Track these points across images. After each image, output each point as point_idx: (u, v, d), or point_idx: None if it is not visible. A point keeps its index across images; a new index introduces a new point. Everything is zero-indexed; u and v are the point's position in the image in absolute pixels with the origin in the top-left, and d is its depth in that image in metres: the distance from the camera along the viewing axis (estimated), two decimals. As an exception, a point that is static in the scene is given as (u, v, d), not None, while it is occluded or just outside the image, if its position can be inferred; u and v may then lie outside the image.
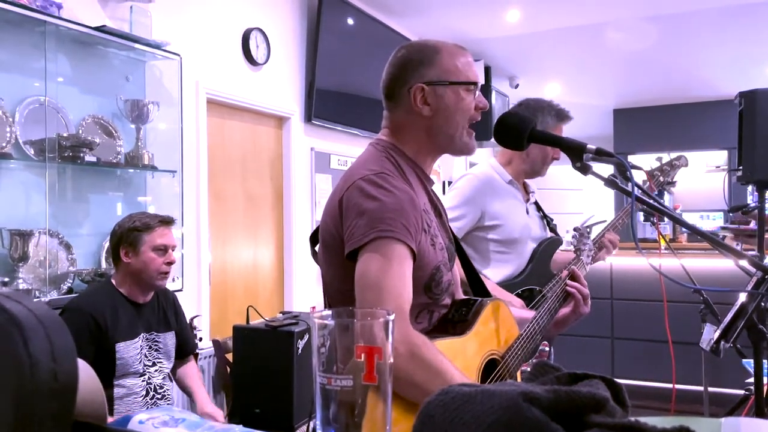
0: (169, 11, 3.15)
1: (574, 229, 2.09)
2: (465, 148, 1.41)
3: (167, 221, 2.33)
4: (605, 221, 2.17)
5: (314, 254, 1.45)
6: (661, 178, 2.38)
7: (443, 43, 1.40)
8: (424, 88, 1.34)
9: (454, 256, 1.46)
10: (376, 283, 1.17)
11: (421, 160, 1.40)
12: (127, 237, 2.25)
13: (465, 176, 2.30)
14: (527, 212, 2.31)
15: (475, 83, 1.37)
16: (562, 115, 2.29)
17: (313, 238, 1.45)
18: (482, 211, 2.20)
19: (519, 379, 1.47)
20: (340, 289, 1.31)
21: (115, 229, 2.31)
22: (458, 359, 1.27)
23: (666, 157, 2.42)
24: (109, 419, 0.67)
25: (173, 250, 2.32)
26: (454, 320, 1.38)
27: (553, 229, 2.38)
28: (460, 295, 1.51)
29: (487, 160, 2.41)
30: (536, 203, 2.40)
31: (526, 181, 2.38)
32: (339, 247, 1.27)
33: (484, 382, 1.33)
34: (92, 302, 2.19)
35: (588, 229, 2.05)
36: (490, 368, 1.38)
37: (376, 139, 1.42)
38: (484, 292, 1.53)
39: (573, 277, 1.76)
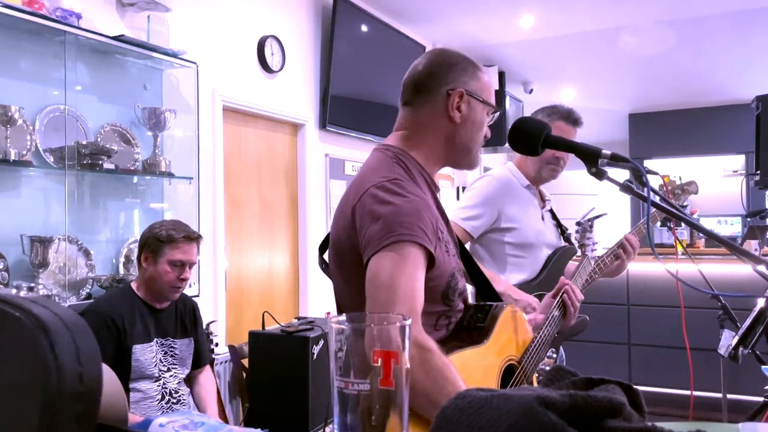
0: (186, 20, 3.19)
1: (576, 224, 2.08)
2: (473, 163, 1.41)
3: (191, 237, 2.33)
4: (605, 214, 2.13)
5: (322, 264, 1.43)
6: (673, 201, 2.36)
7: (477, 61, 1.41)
8: (464, 95, 1.33)
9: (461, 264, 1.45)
10: (389, 283, 1.13)
11: (430, 167, 1.37)
12: (150, 244, 2.28)
13: (484, 177, 2.31)
14: (542, 219, 2.31)
15: (495, 111, 1.39)
16: (568, 116, 2.27)
17: (322, 249, 1.43)
18: (499, 212, 2.20)
19: (535, 384, 1.46)
20: (354, 300, 1.28)
21: (145, 231, 2.35)
22: (479, 367, 1.26)
23: (677, 180, 2.39)
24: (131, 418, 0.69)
25: (191, 267, 2.33)
26: (470, 327, 1.36)
27: (567, 239, 2.38)
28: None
29: (505, 163, 2.41)
30: (551, 211, 2.39)
31: (542, 189, 2.38)
32: (352, 257, 1.24)
33: (504, 389, 1.32)
34: (110, 305, 2.22)
35: (590, 223, 2.03)
36: (507, 374, 1.37)
37: (383, 145, 1.38)
38: (494, 296, 1.51)
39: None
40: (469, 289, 1.55)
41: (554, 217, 2.40)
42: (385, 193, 1.20)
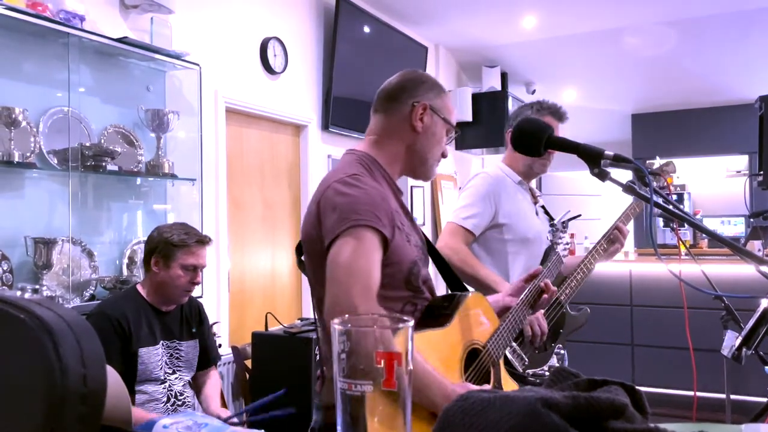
0: (189, 22, 3.20)
1: (550, 225, 2.13)
2: (429, 174, 1.55)
3: (204, 241, 2.33)
4: (579, 215, 2.19)
5: (300, 265, 1.51)
6: (654, 184, 2.38)
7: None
8: (427, 108, 1.49)
9: (427, 257, 1.55)
10: (347, 264, 1.24)
11: (392, 171, 1.51)
12: (162, 248, 2.26)
13: (478, 175, 2.33)
14: (537, 214, 2.33)
15: (455, 131, 1.56)
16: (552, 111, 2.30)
17: (298, 250, 1.52)
18: (496, 208, 2.22)
19: (502, 368, 1.54)
20: (323, 290, 1.34)
21: (153, 234, 2.32)
22: (439, 349, 1.33)
23: (657, 162, 2.42)
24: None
25: (202, 271, 2.33)
26: (435, 314, 1.45)
27: None
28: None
29: (495, 162, 2.44)
30: (543, 207, 2.41)
31: (531, 186, 2.40)
32: (320, 249, 1.33)
33: (466, 371, 1.41)
34: (117, 308, 2.22)
35: (563, 224, 2.09)
36: (473, 358, 1.45)
37: (351, 149, 1.52)
38: (461, 287, 1.61)
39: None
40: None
41: (546, 212, 2.42)
42: (344, 186, 1.34)
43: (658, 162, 2.41)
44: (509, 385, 1.56)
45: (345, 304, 1.22)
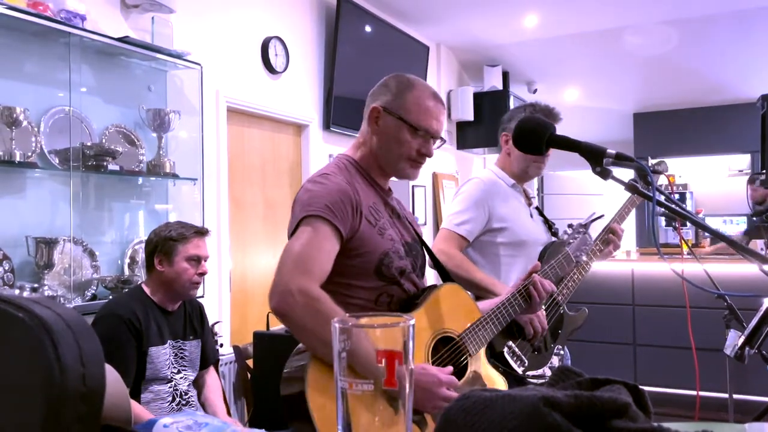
0: (190, 22, 3.20)
1: (568, 226, 2.14)
2: (401, 173, 1.58)
3: (202, 232, 2.36)
4: (603, 215, 2.19)
5: None
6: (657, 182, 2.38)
7: (423, 86, 1.58)
8: (380, 111, 1.54)
9: (419, 254, 1.60)
10: (294, 252, 1.34)
11: (372, 172, 1.59)
12: (162, 246, 2.28)
13: (470, 180, 2.33)
14: (531, 216, 2.32)
15: (419, 130, 1.52)
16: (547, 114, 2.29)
17: None
18: (489, 213, 2.21)
19: (481, 358, 1.58)
20: None
21: (150, 237, 2.34)
22: None
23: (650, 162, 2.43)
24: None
25: (206, 261, 2.35)
26: (410, 304, 1.51)
27: (555, 233, 2.39)
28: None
29: (488, 165, 2.43)
30: (537, 208, 2.41)
31: (526, 187, 2.39)
32: None
33: (435, 356, 1.45)
34: (127, 308, 2.22)
35: (584, 226, 2.10)
36: (445, 345, 1.49)
37: (338, 154, 1.63)
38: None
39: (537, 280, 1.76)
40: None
41: (541, 213, 2.41)
42: (310, 184, 1.46)
43: (650, 162, 2.42)
44: (490, 378, 1.57)
45: (281, 284, 1.29)
